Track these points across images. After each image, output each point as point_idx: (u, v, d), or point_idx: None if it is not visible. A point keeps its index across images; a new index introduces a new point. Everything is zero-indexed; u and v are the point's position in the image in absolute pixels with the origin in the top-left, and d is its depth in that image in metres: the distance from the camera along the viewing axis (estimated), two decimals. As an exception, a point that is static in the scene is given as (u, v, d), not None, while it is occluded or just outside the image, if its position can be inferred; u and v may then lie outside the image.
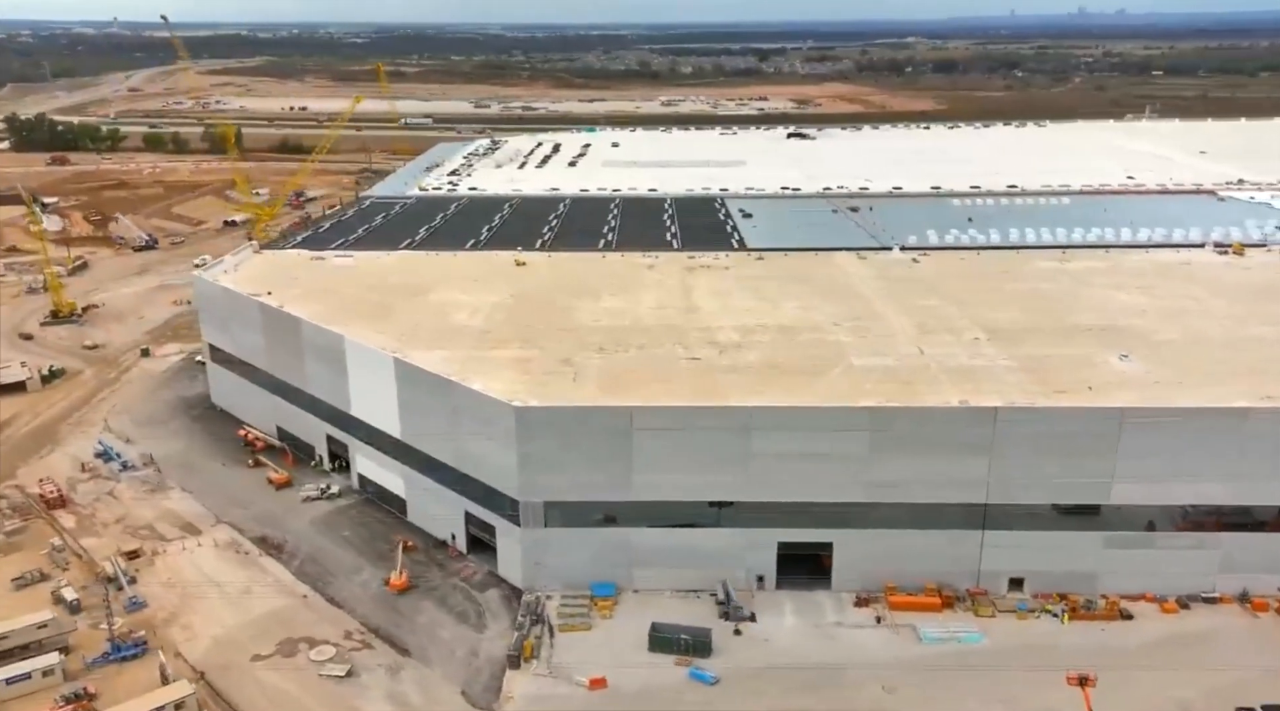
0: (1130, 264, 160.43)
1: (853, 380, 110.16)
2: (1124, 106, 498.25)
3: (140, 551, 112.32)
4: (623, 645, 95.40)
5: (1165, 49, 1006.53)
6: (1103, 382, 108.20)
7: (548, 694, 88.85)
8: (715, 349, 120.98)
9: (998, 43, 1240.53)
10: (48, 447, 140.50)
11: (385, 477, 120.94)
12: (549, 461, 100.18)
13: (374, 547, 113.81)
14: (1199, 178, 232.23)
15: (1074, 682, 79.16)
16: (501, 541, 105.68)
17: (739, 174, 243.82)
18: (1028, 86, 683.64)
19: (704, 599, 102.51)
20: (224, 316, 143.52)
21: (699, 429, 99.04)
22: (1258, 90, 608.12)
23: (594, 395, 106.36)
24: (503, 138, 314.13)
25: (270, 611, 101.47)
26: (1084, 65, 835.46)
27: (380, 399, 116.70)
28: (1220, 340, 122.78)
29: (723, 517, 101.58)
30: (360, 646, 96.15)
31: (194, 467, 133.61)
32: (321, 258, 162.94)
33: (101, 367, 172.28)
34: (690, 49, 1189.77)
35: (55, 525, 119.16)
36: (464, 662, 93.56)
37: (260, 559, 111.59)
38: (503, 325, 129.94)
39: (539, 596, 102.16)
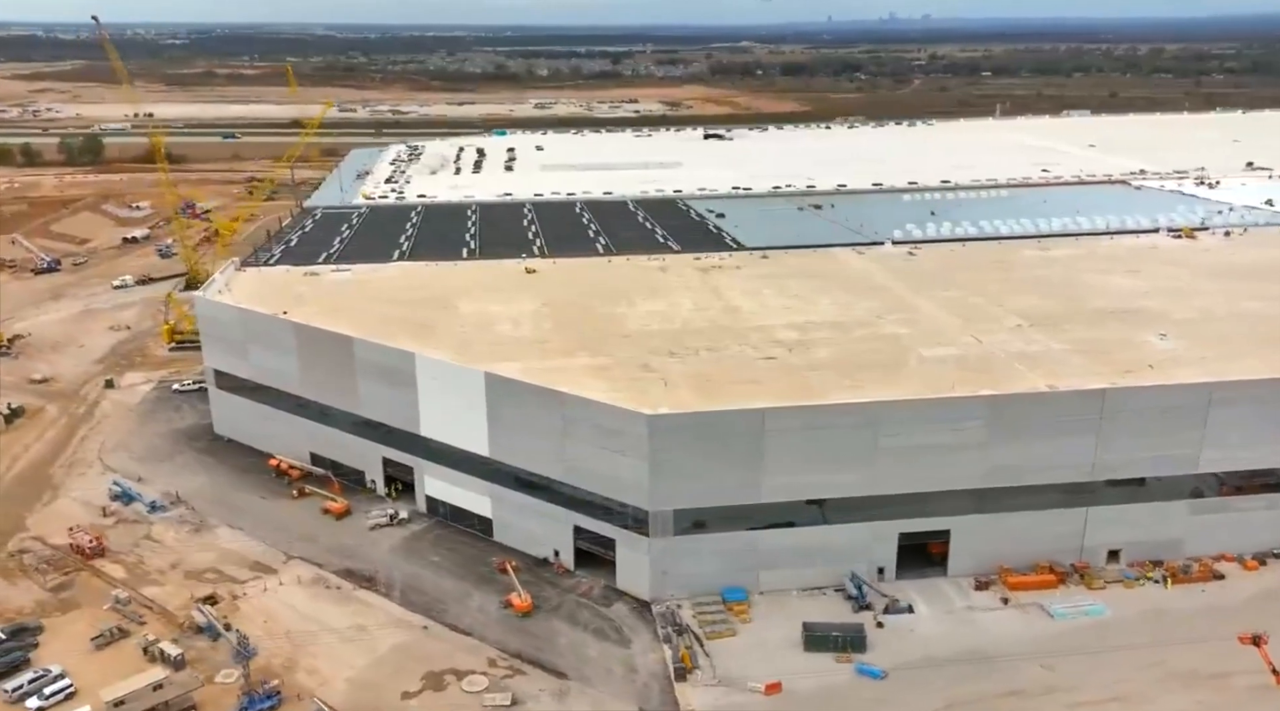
0: (1103, 250, 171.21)
1: (933, 371, 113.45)
2: (971, 105, 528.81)
3: (216, 596, 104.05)
4: (776, 647, 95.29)
5: (983, 51, 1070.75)
6: (1159, 361, 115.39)
7: (726, 704, 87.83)
8: (782, 347, 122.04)
9: (826, 46, 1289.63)
10: (47, 494, 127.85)
11: (464, 498, 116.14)
12: (679, 469, 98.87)
13: (471, 571, 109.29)
14: (1102, 169, 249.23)
15: (1247, 642, 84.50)
16: (623, 553, 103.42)
17: (683, 175, 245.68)
18: (875, 88, 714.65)
19: (830, 595, 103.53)
20: (239, 339, 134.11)
21: (829, 427, 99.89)
22: (1077, 89, 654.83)
23: (691, 399, 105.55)
24: (418, 143, 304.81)
25: (396, 646, 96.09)
26: (917, 68, 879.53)
27: (462, 416, 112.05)
28: (1229, 316, 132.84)
29: (845, 513, 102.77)
30: (511, 673, 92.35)
31: (230, 503, 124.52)
32: (315, 273, 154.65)
33: (64, 403, 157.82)
34: (536, 51, 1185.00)
35: (102, 576, 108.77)
36: (625, 680, 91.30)
37: (356, 593, 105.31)
38: (555, 334, 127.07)
39: (671, 606, 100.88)
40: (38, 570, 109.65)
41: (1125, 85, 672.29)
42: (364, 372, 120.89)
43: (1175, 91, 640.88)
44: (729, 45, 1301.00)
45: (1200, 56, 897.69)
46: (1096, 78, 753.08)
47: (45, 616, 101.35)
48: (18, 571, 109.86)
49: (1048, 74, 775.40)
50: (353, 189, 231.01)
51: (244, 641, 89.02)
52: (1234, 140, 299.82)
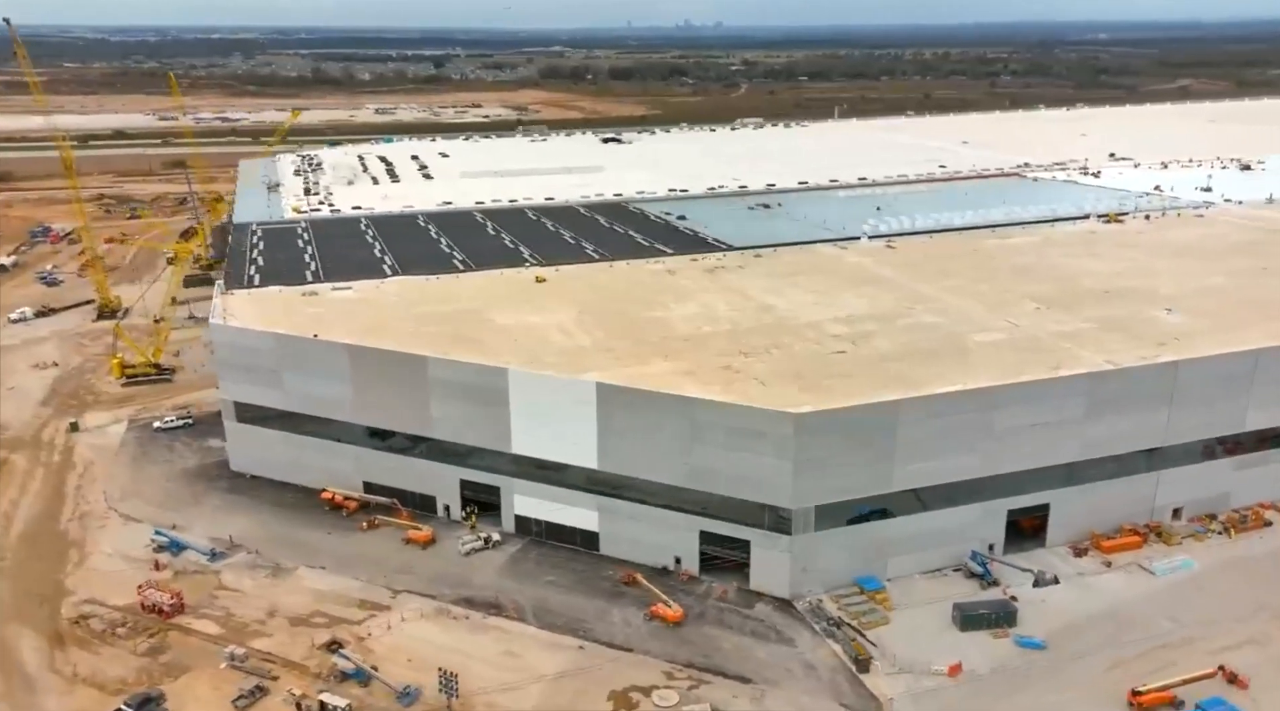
0: (1055, 236, 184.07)
1: (998, 354, 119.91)
2: (806, 108, 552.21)
3: (340, 640, 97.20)
4: (930, 630, 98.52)
5: (785, 57, 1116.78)
6: (1182, 334, 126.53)
7: (918, 690, 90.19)
8: (843, 341, 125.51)
9: (635, 52, 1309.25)
10: (73, 553, 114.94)
11: (564, 514, 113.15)
12: (819, 465, 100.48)
13: (593, 587, 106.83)
14: (992, 164, 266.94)
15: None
16: (759, 553, 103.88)
17: (612, 178, 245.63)
18: (707, 92, 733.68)
19: (950, 576, 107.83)
20: (272, 367, 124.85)
21: (954, 414, 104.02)
22: (892, 91, 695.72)
23: (799, 396, 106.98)
24: (311, 153, 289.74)
25: (562, 670, 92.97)
26: (738, 73, 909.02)
27: (564, 430, 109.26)
28: (1208, 292, 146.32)
29: (963, 495, 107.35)
30: (695, 683, 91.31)
31: (295, 542, 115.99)
32: (315, 292, 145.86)
33: (29, 451, 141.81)
34: (343, 54, 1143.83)
35: (195, 633, 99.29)
36: (809, 678, 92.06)
37: (487, 620, 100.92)
38: (614, 341, 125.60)
39: (812, 601, 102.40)
40: (115, 634, 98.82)
41: (932, 87, 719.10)
42: (439, 393, 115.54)
43: (977, 92, 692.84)
44: (542, 50, 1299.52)
45: (982, 60, 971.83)
46: (903, 81, 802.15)
47: (156, 683, 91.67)
48: (95, 638, 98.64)
49: (858, 78, 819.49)
50: (275, 203, 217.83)
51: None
52: (1081, 134, 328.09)
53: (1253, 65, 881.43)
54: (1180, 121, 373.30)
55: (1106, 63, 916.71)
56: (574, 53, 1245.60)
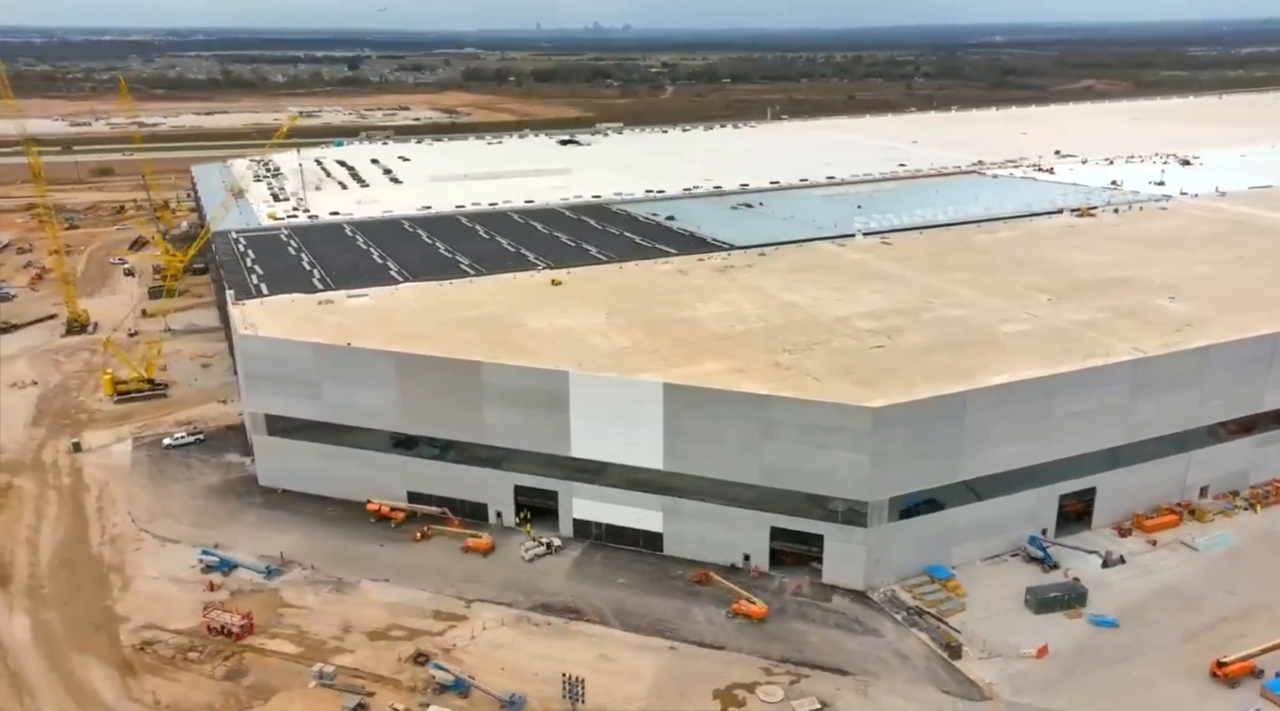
0: (1035, 230, 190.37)
1: (1030, 344, 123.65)
2: (737, 110, 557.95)
3: (424, 653, 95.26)
4: (1006, 614, 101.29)
5: (703, 58, 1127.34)
6: (1191, 321, 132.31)
7: (1012, 672, 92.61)
8: (879, 336, 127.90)
9: (549, 53, 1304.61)
10: (114, 577, 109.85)
11: (626, 516, 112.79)
12: (894, 458, 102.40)
13: (666, 587, 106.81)
14: (949, 162, 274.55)
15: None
16: (832, 547, 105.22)
17: (585, 180, 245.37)
18: (634, 93, 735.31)
19: (1009, 561, 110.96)
20: (310, 378, 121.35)
21: (1017, 402, 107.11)
22: (816, 93, 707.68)
23: (849, 390, 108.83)
24: (262, 158, 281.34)
25: (660, 671, 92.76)
26: (660, 74, 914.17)
27: (628, 431, 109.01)
28: (1194, 280, 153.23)
29: (1018, 481, 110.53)
30: (795, 677, 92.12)
31: (349, 556, 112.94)
32: (330, 300, 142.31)
33: (34, 474, 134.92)
34: (247, 56, 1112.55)
35: (271, 654, 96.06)
36: (905, 666, 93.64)
37: (569, 626, 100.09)
38: (655, 342, 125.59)
39: (887, 592, 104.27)
40: (187, 659, 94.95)
41: (852, 89, 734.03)
42: (493, 398, 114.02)
43: (895, 93, 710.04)
44: (454, 52, 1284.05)
45: (894, 63, 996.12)
46: (822, 83, 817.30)
47: (245, 707, 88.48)
48: (166, 664, 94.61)
49: (779, 80, 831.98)
50: (247, 209, 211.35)
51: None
52: (1021, 133, 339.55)
53: (1145, 67, 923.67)
54: (1108, 120, 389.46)
55: (1011, 64, 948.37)
56: (489, 54, 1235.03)
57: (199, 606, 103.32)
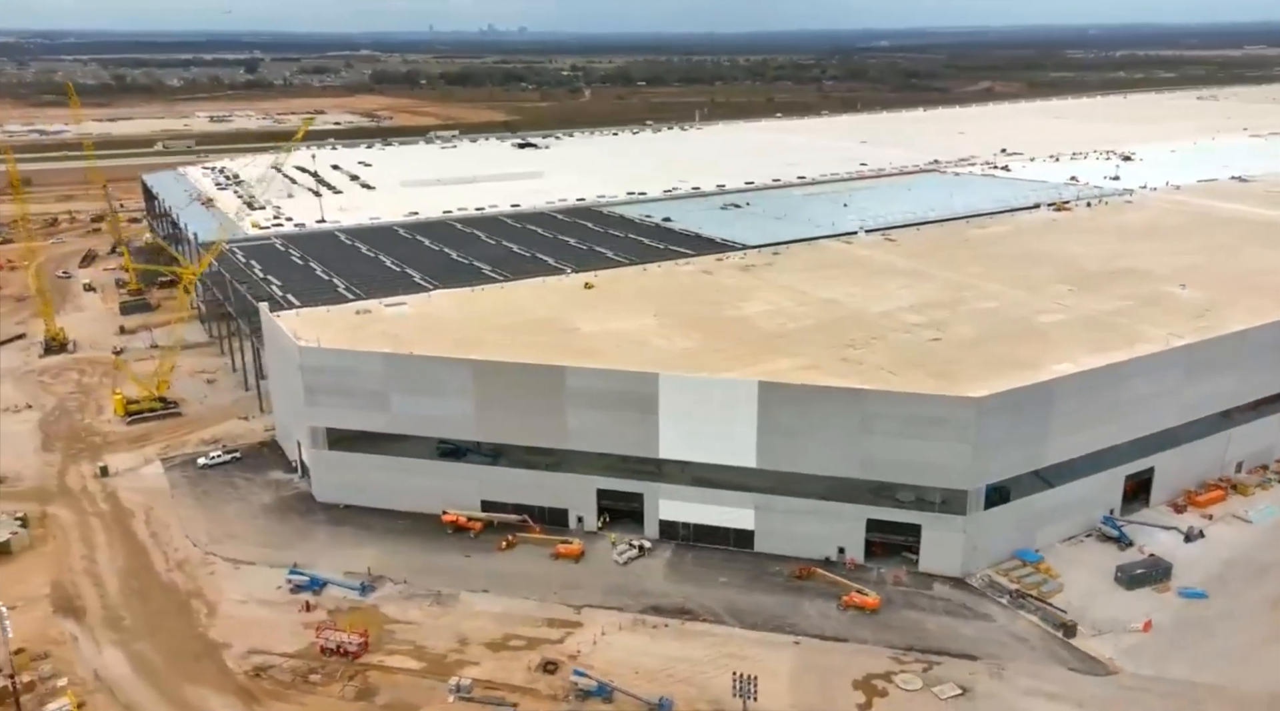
0: (1023, 224, 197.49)
1: (1072, 332, 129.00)
2: (661, 113, 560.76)
3: (553, 661, 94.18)
4: (1100, 592, 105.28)
5: (609, 61, 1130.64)
6: (1209, 307, 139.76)
7: (1125, 646, 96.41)
8: (929, 329, 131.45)
9: (448, 56, 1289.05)
10: (197, 603, 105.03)
11: (716, 515, 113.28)
12: (993, 446, 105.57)
13: (769, 583, 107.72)
14: (908, 161, 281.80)
15: None
16: (930, 536, 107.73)
17: (563, 183, 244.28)
18: (552, 96, 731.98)
19: (1085, 541, 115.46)
20: (378, 389, 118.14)
21: (1094, 388, 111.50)
22: (736, 95, 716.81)
23: (925, 381, 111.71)
24: (218, 164, 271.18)
25: (792, 666, 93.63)
26: (575, 77, 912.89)
27: (720, 431, 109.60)
28: (1190, 269, 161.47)
29: (1090, 465, 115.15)
30: (927, 665, 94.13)
31: (437, 568, 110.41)
32: (368, 310, 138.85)
33: (66, 502, 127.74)
34: (126, 59, 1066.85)
35: (393, 671, 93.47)
36: (1024, 648, 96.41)
37: (687, 626, 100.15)
38: (715, 342, 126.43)
39: (985, 577, 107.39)
40: (309, 681, 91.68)
41: (767, 91, 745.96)
42: (577, 402, 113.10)
43: (807, 95, 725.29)
44: (350, 54, 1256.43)
45: (798, 66, 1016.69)
46: (735, 85, 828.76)
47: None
48: (288, 689, 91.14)
49: (693, 83, 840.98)
50: (223, 218, 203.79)
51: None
52: (960, 133, 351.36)
53: (1030, 69, 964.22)
54: (1033, 119, 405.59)
55: (909, 67, 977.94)
56: (388, 57, 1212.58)
57: (299, 627, 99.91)
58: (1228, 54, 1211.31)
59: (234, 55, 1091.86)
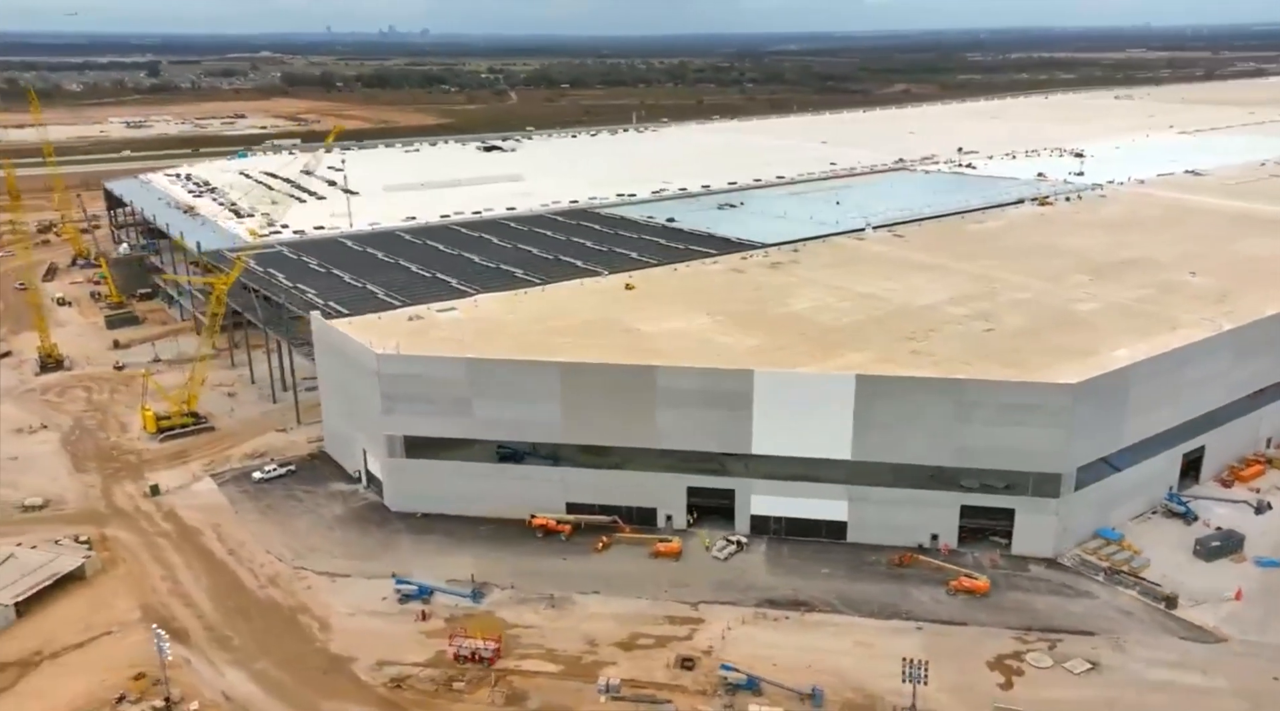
0: (1016, 219, 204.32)
1: (1115, 320, 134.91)
2: (596, 115, 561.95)
3: (690, 657, 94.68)
4: (1182, 564, 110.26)
5: (523, 63, 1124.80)
6: (1225, 293, 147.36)
7: (1223, 614, 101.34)
8: (978, 320, 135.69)
9: (353, 57, 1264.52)
10: (304, 618, 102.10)
11: (808, 508, 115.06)
12: (1082, 429, 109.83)
13: (871, 572, 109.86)
14: (874, 161, 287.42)
15: None
16: (1023, 519, 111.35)
17: (547, 186, 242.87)
18: (480, 99, 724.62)
19: (1152, 518, 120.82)
20: (461, 395, 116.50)
21: (1162, 373, 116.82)
22: (665, 97, 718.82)
23: (1000, 370, 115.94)
24: (181, 171, 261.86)
25: (923, 651, 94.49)
26: (495, 79, 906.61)
27: (814, 425, 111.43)
28: (1190, 257, 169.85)
29: (1153, 446, 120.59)
30: (1050, 643, 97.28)
31: (539, 572, 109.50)
32: (420, 316, 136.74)
33: (118, 524, 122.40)
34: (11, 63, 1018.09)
35: (531, 675, 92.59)
36: (1133, 621, 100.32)
37: (807, 617, 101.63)
38: (777, 338, 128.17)
39: (1075, 556, 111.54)
40: (453, 690, 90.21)
41: (692, 94, 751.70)
42: (668, 401, 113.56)
43: (733, 97, 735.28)
44: (251, 56, 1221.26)
45: (717, 68, 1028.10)
46: (659, 88, 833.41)
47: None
48: (435, 698, 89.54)
49: (616, 85, 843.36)
50: (215, 227, 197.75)
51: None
52: (910, 132, 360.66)
53: (934, 71, 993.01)
54: (972, 120, 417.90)
55: (821, 70, 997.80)
56: (292, 58, 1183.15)
57: (419, 636, 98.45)
58: (1112, 56, 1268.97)
59: (128, 59, 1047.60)
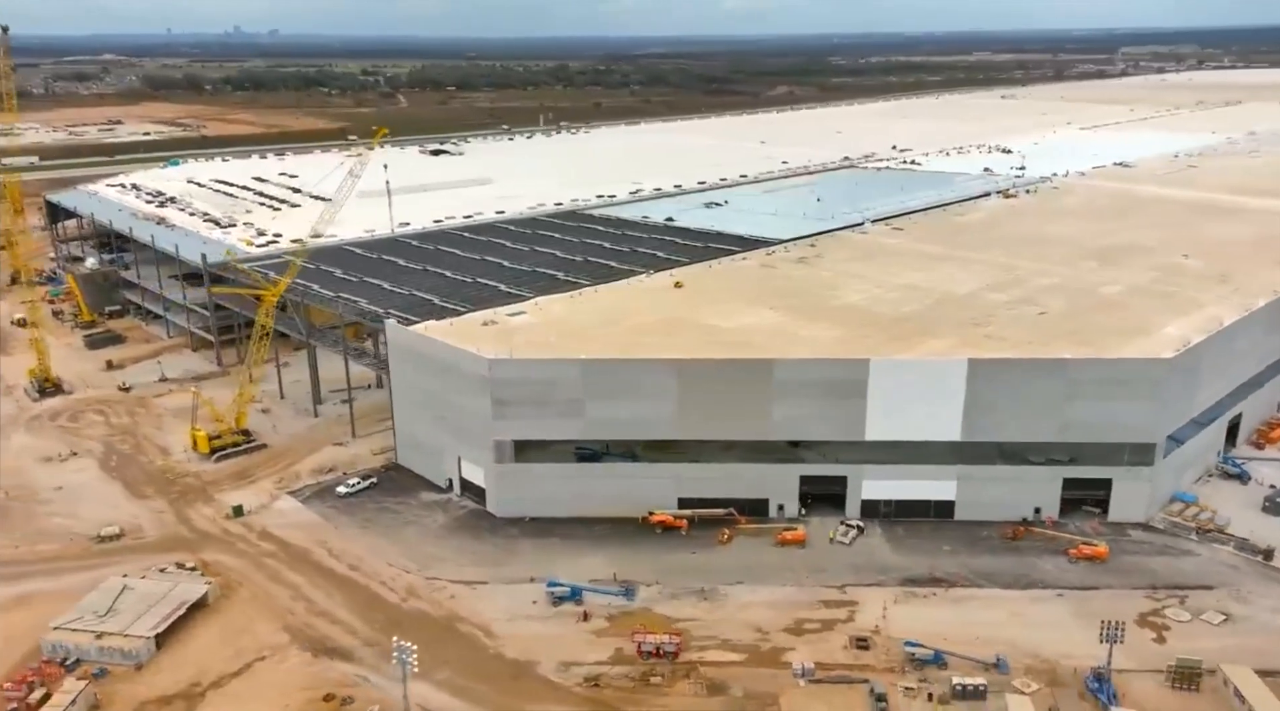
0: (993, 211, 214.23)
1: (1142, 301, 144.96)
2: (501, 117, 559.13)
3: (863, 637, 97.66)
4: (1254, 520, 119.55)
5: (394, 65, 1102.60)
6: (1224, 271, 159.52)
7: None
8: (1025, 305, 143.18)
9: (202, 59, 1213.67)
10: (463, 627, 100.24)
11: (918, 489, 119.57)
12: (1172, 400, 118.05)
13: (987, 546, 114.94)
14: (824, 159, 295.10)
15: None
16: (1120, 488, 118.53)
17: (523, 188, 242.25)
18: (369, 102, 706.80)
19: (1210, 481, 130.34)
20: (575, 398, 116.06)
21: (1221, 346, 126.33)
22: (564, 100, 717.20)
23: (1079, 349, 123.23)
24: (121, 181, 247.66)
25: (1074, 616, 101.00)
26: (373, 82, 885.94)
27: (925, 409, 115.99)
28: (1170, 242, 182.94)
29: (1210, 414, 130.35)
30: (1179, 598, 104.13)
31: (672, 567, 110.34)
32: (494, 321, 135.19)
33: (214, 550, 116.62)
34: None
35: (714, 666, 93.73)
36: (1240, 574, 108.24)
37: (950, 593, 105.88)
38: (855, 329, 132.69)
39: (1161, 520, 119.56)
40: (651, 685, 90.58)
41: (586, 97, 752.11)
42: (783, 393, 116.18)
43: (625, 98, 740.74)
44: (93, 59, 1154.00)
45: (600, 71, 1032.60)
46: (549, 90, 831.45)
47: None
48: (640, 694, 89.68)
49: (504, 88, 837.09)
50: (197, 237, 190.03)
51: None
52: (837, 132, 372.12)
53: (807, 74, 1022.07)
54: (886, 119, 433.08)
55: (702, 73, 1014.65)
56: (142, 60, 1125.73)
57: (589, 635, 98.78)
58: (964, 59, 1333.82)
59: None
